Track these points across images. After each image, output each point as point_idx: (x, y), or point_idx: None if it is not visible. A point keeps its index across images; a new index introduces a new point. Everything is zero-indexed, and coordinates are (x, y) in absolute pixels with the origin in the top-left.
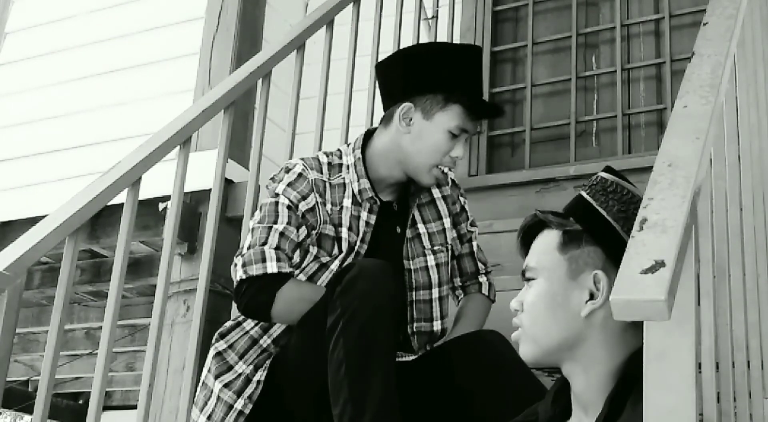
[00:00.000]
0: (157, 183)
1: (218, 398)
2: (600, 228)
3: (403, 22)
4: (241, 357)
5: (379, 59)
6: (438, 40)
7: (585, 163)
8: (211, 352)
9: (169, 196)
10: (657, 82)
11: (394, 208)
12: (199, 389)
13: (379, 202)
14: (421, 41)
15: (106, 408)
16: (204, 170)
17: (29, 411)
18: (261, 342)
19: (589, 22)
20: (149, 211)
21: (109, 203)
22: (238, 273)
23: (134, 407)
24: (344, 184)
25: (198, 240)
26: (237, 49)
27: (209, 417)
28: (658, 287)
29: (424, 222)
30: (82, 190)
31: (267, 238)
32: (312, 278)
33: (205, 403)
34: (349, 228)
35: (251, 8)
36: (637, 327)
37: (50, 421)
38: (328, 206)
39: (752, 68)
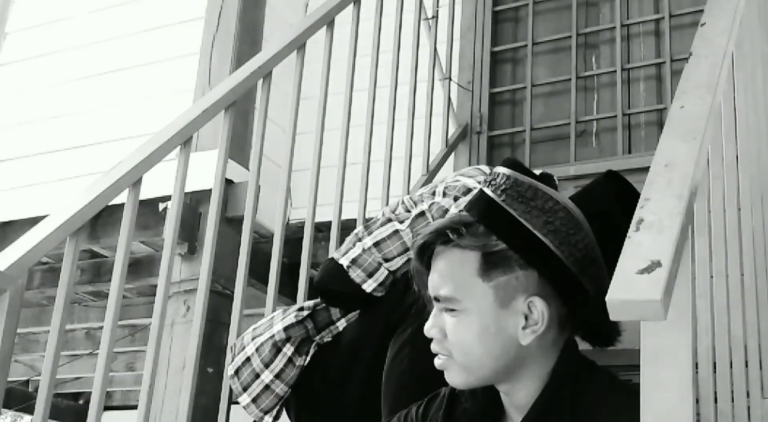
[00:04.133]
0: (157, 183)
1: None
2: (529, 246)
3: (403, 22)
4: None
5: (378, 57)
6: (438, 40)
7: (585, 163)
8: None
9: (170, 196)
10: (657, 82)
11: None
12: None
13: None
14: (420, 41)
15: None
16: (204, 170)
17: (30, 411)
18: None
19: (589, 22)
20: (149, 211)
21: (110, 203)
22: (344, 260)
23: (134, 407)
24: None
25: (198, 240)
26: (237, 49)
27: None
28: (654, 287)
29: None
30: (83, 190)
31: (394, 258)
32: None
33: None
34: None
35: (251, 8)
36: (562, 333)
37: (51, 421)
38: None
39: (750, 68)
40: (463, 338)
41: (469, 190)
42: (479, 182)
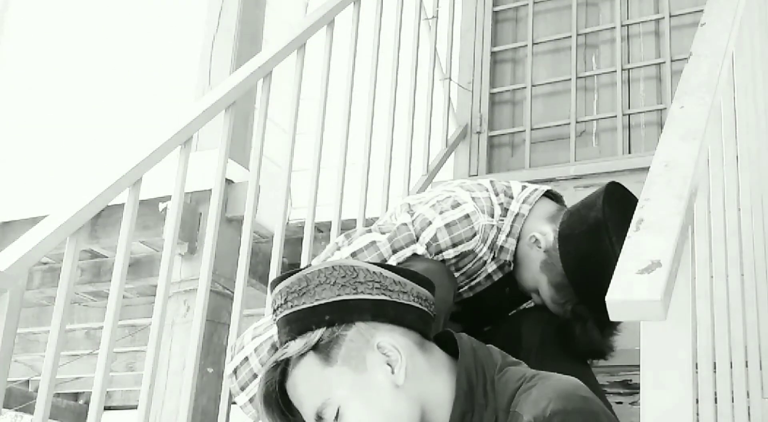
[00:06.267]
0: (157, 183)
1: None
2: (336, 313)
3: (403, 22)
4: None
5: (378, 58)
6: (438, 40)
7: (585, 163)
8: None
9: (170, 196)
10: (657, 82)
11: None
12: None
13: (511, 267)
14: (420, 41)
15: (106, 408)
16: (204, 170)
17: (29, 411)
18: None
19: (589, 22)
20: (149, 211)
21: (110, 203)
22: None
23: (134, 407)
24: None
25: (198, 240)
26: (237, 49)
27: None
28: (654, 287)
29: None
30: (83, 190)
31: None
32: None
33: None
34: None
35: (251, 8)
36: (431, 352)
37: (51, 421)
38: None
39: (750, 68)
40: None
41: (458, 204)
42: (473, 198)
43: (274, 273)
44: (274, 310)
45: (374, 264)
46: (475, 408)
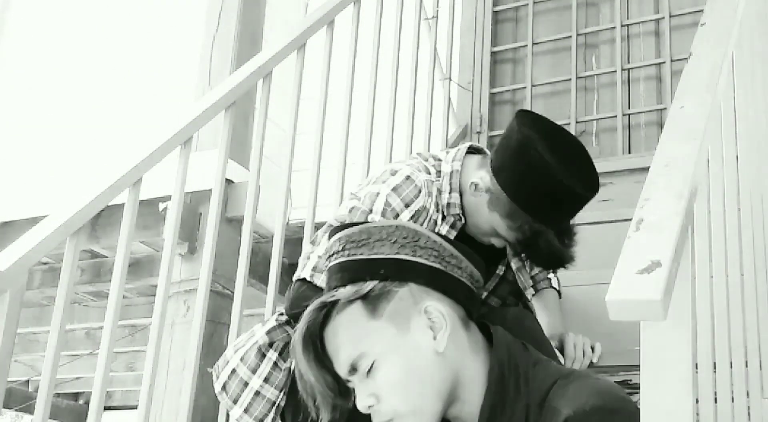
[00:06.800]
0: (157, 183)
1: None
2: (391, 269)
3: (403, 22)
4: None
5: (378, 58)
6: (438, 40)
7: None
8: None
9: (170, 196)
10: (657, 82)
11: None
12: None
13: (463, 222)
14: (420, 41)
15: (106, 408)
16: (204, 170)
17: (30, 411)
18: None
19: (589, 22)
20: (150, 211)
21: (110, 203)
22: (304, 272)
23: (134, 407)
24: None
25: (198, 240)
26: (237, 49)
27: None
28: (654, 287)
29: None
30: (83, 190)
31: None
32: None
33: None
34: None
35: (251, 8)
36: (472, 332)
37: (51, 421)
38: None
39: (750, 69)
40: (394, 382)
41: (396, 171)
42: (408, 165)
43: (274, 273)
44: (329, 256)
45: (436, 234)
46: (506, 401)
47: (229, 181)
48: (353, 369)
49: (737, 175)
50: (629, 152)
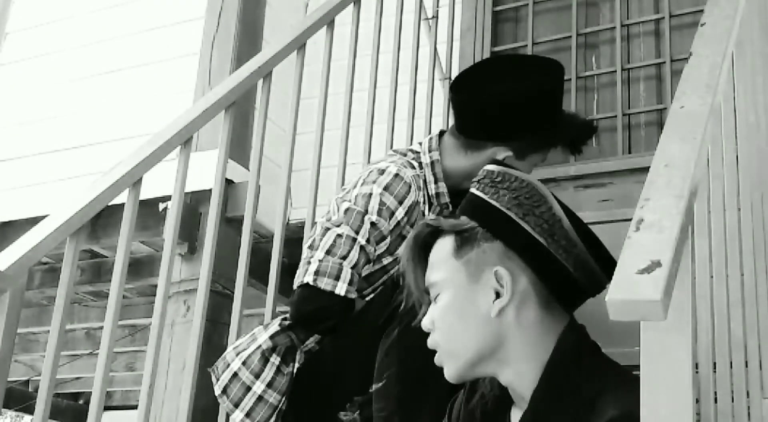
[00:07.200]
0: (157, 183)
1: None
2: (494, 220)
3: (403, 22)
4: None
5: (378, 58)
6: (438, 40)
7: (585, 162)
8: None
9: (170, 196)
10: (657, 82)
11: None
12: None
13: (451, 210)
14: (420, 41)
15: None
16: (204, 170)
17: (30, 411)
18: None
19: (589, 22)
20: (150, 211)
21: (110, 203)
22: (306, 277)
23: (134, 407)
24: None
25: (198, 240)
26: (237, 49)
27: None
28: (654, 287)
29: None
30: (83, 190)
31: (349, 252)
32: (368, 279)
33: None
34: None
35: (251, 8)
36: (553, 315)
37: (51, 421)
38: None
39: (750, 68)
40: (445, 319)
41: (383, 170)
42: (391, 162)
43: (274, 273)
44: (478, 181)
45: (570, 213)
46: (563, 388)
47: (229, 181)
48: (428, 290)
49: (737, 175)
50: (629, 152)
